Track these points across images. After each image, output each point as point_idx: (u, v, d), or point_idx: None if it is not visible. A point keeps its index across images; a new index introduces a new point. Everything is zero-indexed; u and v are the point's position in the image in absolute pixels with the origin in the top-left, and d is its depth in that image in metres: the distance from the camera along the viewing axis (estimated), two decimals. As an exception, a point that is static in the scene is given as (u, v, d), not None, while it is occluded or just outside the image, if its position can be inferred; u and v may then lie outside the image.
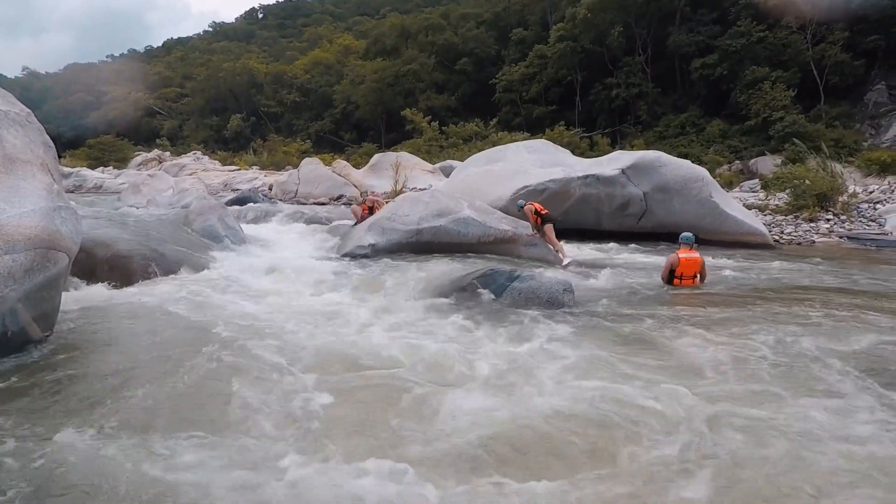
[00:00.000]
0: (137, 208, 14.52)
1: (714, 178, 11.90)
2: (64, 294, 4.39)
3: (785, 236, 11.65)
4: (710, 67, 28.47)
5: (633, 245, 10.26)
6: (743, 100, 26.41)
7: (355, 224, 10.31)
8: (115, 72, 71.04)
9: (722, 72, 27.95)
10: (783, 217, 13.09)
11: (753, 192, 18.23)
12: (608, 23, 32.67)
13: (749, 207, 13.53)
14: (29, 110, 4.60)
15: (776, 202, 14.43)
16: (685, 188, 10.59)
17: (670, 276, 6.48)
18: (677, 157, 12.05)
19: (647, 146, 24.48)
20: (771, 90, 25.04)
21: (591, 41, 33.61)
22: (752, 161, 23.86)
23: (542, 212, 8.71)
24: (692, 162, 12.18)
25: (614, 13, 32.50)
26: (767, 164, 22.18)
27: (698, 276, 6.53)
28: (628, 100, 32.56)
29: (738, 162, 24.63)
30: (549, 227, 8.57)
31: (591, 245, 10.21)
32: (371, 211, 10.26)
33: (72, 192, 25.35)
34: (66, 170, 29.50)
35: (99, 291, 5.56)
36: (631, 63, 32.82)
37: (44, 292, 3.85)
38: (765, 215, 13.37)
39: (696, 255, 6.53)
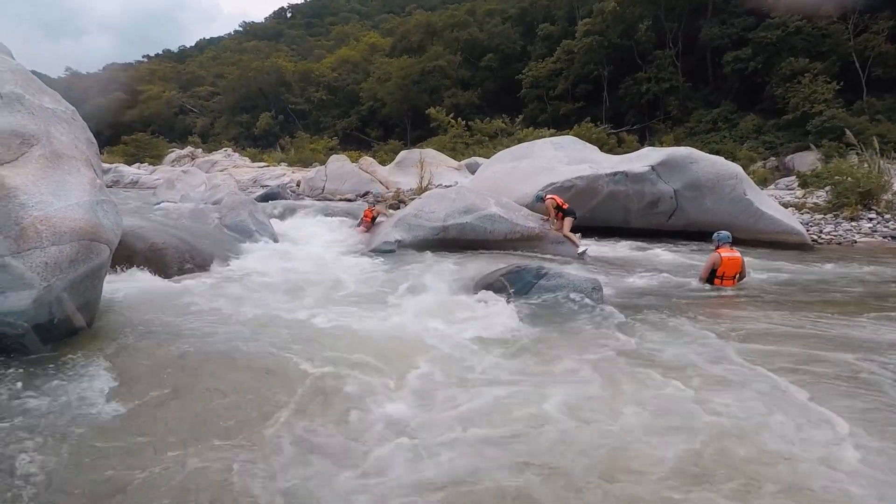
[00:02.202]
0: (172, 203, 14.94)
1: (748, 175, 11.58)
2: (104, 284, 4.55)
3: (824, 236, 11.26)
4: (743, 61, 27.70)
5: (662, 244, 10.07)
6: (779, 93, 25.61)
7: (358, 224, 10.58)
8: (150, 71, 73.28)
9: (756, 65, 27.16)
10: (822, 216, 12.65)
11: (790, 189, 17.68)
12: (637, 16, 32.11)
13: (785, 206, 13.13)
14: (73, 108, 4.78)
15: (814, 200, 13.96)
16: (718, 185, 10.34)
17: (711, 276, 6.34)
18: (709, 153, 11.76)
19: (677, 142, 23.96)
20: (811, 83, 24.16)
21: (619, 35, 33.08)
22: (789, 157, 23.11)
23: (564, 206, 8.71)
24: (725, 158, 11.88)
25: (643, 6, 31.92)
26: (806, 160, 21.44)
27: (737, 276, 6.37)
28: (658, 95, 31.95)
29: (773, 158, 23.91)
30: (567, 220, 8.62)
31: (620, 243, 10.06)
32: (373, 220, 10.39)
33: (110, 187, 26.11)
34: (105, 166, 30.52)
35: (137, 282, 5.74)
36: (661, 57, 32.18)
37: (87, 282, 4.00)
38: (802, 214, 12.94)
39: (737, 253, 6.38)
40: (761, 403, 3.07)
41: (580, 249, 8.33)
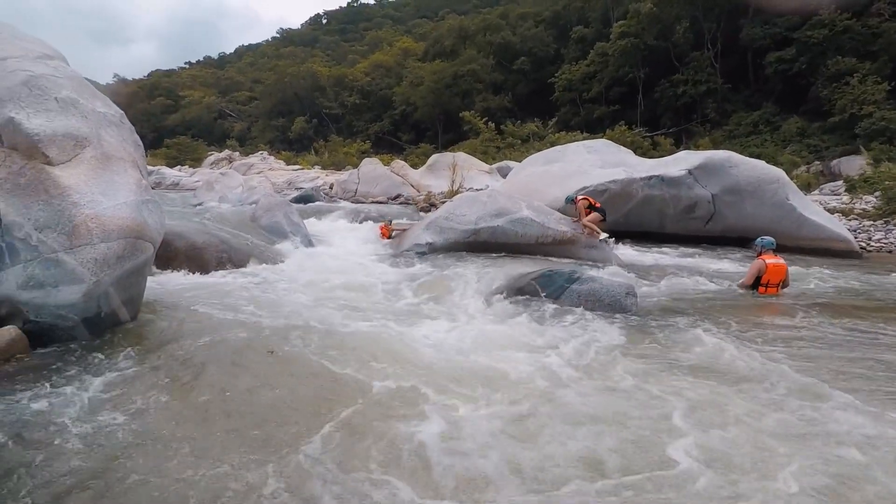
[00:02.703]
0: (211, 204, 15.40)
1: (791, 179, 11.17)
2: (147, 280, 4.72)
3: (873, 243, 10.76)
4: (787, 62, 26.71)
5: (699, 249, 9.81)
6: (825, 95, 24.56)
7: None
8: (191, 77, 75.90)
9: (801, 66, 26.15)
10: (871, 222, 12.09)
11: (836, 194, 16.94)
12: (674, 17, 31.40)
13: (831, 212, 12.60)
14: (122, 112, 5.00)
15: (863, 206, 13.35)
16: (759, 190, 10.02)
17: (755, 284, 6.14)
18: (749, 157, 11.41)
19: (715, 146, 23.30)
20: (860, 84, 23.11)
21: (655, 37, 32.41)
22: (835, 161, 22.13)
23: (596, 205, 8.69)
24: (766, 163, 11.49)
25: (681, 7, 31.19)
26: (853, 164, 20.51)
27: (781, 284, 6.15)
28: (695, 97, 31.15)
29: (817, 163, 22.94)
30: (594, 214, 8.59)
31: (655, 249, 9.85)
32: (390, 236, 10.05)
33: (153, 188, 27.08)
34: (149, 168, 31.69)
35: (177, 279, 5.95)
36: (699, 59, 31.37)
37: (132, 278, 4.17)
38: (849, 220, 12.40)
39: (781, 260, 6.17)
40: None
41: (602, 236, 8.36)
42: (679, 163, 10.83)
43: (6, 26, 4.91)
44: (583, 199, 8.79)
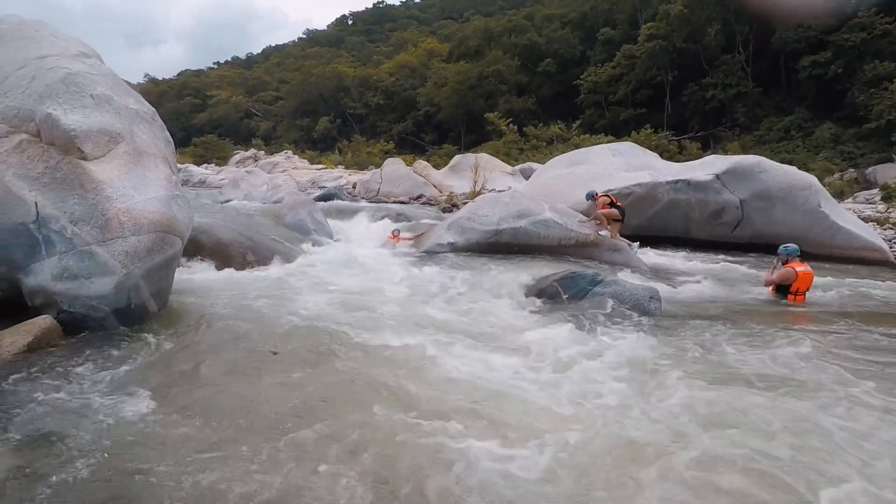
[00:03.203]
0: (237, 201, 15.68)
1: (823, 186, 10.84)
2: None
3: (909, 253, 10.37)
4: (822, 65, 25.99)
5: (726, 255, 9.60)
6: (862, 100, 23.81)
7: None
8: (219, 77, 77.45)
9: (836, 70, 25.41)
10: (907, 232, 11.69)
11: (870, 203, 16.41)
12: (704, 19, 30.82)
13: (865, 220, 12.21)
14: (154, 109, 5.13)
15: (899, 215, 12.92)
16: (789, 196, 9.77)
17: (784, 292, 6.01)
18: (780, 163, 11.12)
19: (745, 151, 22.71)
20: (899, 89, 22.35)
21: (684, 39, 31.88)
22: (871, 169, 21.42)
23: (618, 203, 8.63)
24: (798, 169, 11.19)
25: (712, 9, 30.60)
26: (889, 172, 19.84)
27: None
28: (724, 101, 30.55)
29: (852, 170, 22.25)
30: (611, 212, 8.62)
31: (680, 253, 9.68)
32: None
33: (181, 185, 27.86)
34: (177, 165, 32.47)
35: (203, 274, 6.07)
36: (729, 62, 30.77)
37: (161, 271, 4.26)
38: (884, 229, 12.00)
39: (808, 268, 6.06)
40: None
41: (602, 232, 8.44)
42: (706, 167, 10.63)
43: (46, 25, 5.07)
44: (603, 195, 8.79)
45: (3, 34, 4.77)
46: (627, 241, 8.54)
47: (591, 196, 8.98)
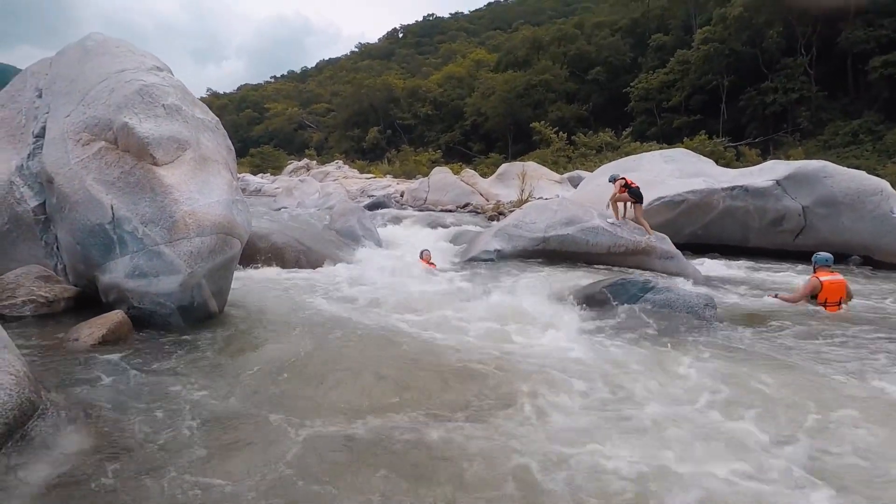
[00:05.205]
0: (291, 209, 16.27)
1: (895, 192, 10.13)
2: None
3: None
4: (894, 66, 24.36)
5: (788, 264, 9.10)
6: (940, 103, 22.15)
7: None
8: (275, 90, 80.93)
9: (912, 70, 23.78)
10: None
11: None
12: (764, 22, 29.55)
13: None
14: (217, 118, 5.43)
15: None
16: (858, 202, 9.20)
17: (814, 301, 5.76)
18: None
19: (808, 156, 21.53)
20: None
21: (742, 43, 30.65)
22: (951, 175, 19.82)
23: (632, 184, 8.46)
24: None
25: (772, 10, 29.31)
26: (974, 178, 18.27)
27: (842, 300, 5.71)
28: (785, 106, 29.12)
29: (930, 176, 20.66)
30: (638, 207, 8.50)
31: (737, 262, 9.27)
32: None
33: (237, 194, 29.20)
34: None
35: (259, 275, 6.34)
36: (791, 65, 29.35)
37: (222, 272, 4.49)
38: (968, 239, 11.02)
39: (839, 276, 5.80)
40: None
41: (611, 220, 8.42)
42: (765, 173, 10.18)
43: (124, 42, 5.48)
44: (621, 178, 8.68)
45: (89, 50, 5.20)
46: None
47: (614, 180, 8.78)
